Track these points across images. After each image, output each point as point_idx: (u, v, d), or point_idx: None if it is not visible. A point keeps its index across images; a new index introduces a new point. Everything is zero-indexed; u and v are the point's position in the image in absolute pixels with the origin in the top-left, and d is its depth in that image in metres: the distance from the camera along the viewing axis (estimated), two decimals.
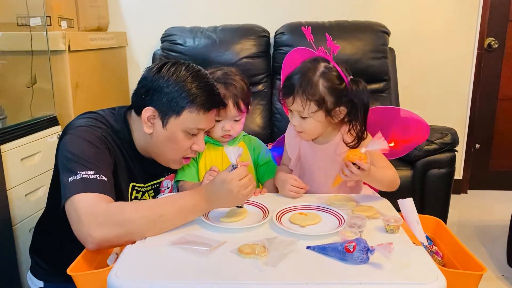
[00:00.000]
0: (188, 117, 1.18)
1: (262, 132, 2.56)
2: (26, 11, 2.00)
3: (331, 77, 1.21)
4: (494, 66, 2.96)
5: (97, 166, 1.09)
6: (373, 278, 0.84)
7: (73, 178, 1.06)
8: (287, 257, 0.91)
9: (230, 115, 1.33)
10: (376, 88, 2.63)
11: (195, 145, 1.24)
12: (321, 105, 1.20)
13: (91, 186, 1.05)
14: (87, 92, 2.24)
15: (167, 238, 0.99)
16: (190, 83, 1.18)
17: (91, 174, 1.07)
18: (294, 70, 1.26)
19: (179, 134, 1.20)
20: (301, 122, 1.24)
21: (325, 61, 1.25)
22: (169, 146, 1.22)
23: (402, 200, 1.13)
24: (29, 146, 1.75)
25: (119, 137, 1.23)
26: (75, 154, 1.10)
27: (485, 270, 0.91)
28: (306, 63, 1.26)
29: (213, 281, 0.84)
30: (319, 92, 1.20)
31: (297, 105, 1.22)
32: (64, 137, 1.17)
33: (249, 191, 1.07)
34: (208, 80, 1.22)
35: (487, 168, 3.13)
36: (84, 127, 1.17)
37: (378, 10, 2.82)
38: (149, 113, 1.19)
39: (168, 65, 1.20)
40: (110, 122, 1.24)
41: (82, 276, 0.92)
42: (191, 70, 1.20)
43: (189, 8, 2.84)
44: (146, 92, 1.19)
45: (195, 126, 1.20)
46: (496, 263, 2.14)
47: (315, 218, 1.11)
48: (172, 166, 1.30)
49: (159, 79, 1.18)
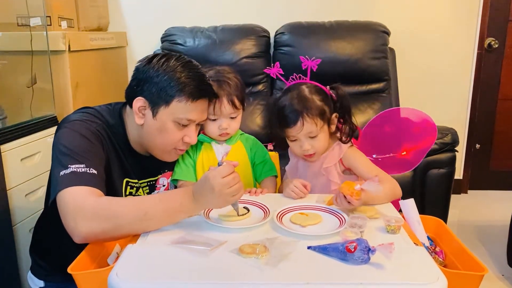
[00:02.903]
0: (177, 107, 1.18)
1: (262, 132, 2.55)
2: (26, 11, 2.00)
3: (318, 91, 1.29)
4: (494, 66, 2.96)
5: (88, 159, 1.10)
6: (374, 279, 0.84)
7: (63, 172, 1.06)
8: (288, 257, 0.90)
9: (225, 112, 1.32)
10: (376, 88, 2.64)
11: (187, 137, 1.23)
12: (324, 117, 1.27)
13: (80, 179, 1.06)
14: (87, 92, 2.24)
15: (168, 238, 0.99)
16: (180, 72, 1.18)
17: (81, 168, 1.07)
18: (280, 103, 1.29)
19: (169, 125, 1.19)
20: (312, 143, 1.28)
21: (300, 84, 1.31)
22: (160, 137, 1.21)
23: (404, 201, 1.13)
24: (29, 146, 1.74)
25: (113, 132, 1.24)
26: (67, 147, 1.11)
27: (486, 271, 0.91)
28: (288, 93, 1.30)
29: (213, 281, 0.83)
30: (319, 106, 1.26)
31: (307, 127, 1.25)
32: (58, 131, 1.18)
33: (234, 190, 1.02)
34: (198, 70, 1.22)
35: (487, 168, 3.13)
36: (79, 121, 1.18)
37: (378, 10, 2.82)
38: (140, 103, 1.20)
39: (158, 56, 1.21)
40: (105, 117, 1.24)
41: (82, 275, 0.92)
42: (181, 60, 1.20)
43: (189, 8, 2.84)
44: (137, 83, 1.20)
45: (184, 116, 1.19)
46: (496, 263, 2.14)
47: (316, 218, 1.11)
48: (166, 159, 1.28)
49: (149, 70, 1.19)
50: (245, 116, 1.49)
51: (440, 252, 1.09)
